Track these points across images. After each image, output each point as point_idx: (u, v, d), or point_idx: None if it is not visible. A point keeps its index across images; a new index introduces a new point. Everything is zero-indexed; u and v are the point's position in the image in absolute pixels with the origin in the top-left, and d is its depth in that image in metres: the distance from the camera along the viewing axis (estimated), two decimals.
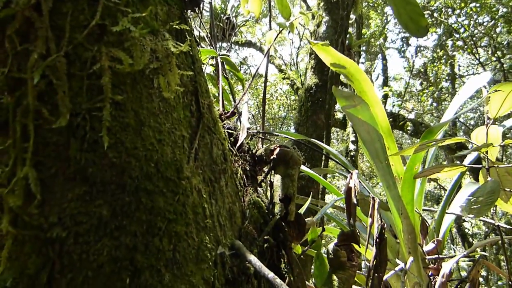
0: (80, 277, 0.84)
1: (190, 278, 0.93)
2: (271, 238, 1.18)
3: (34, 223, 0.84)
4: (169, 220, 0.92)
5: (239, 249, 1.05)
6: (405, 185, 1.87)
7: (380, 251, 1.15)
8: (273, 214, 1.27)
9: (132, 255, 0.86)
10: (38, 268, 0.85)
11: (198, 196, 1.02)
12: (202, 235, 0.99)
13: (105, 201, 0.86)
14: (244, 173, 1.29)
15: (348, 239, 1.22)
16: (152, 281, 0.87)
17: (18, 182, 0.84)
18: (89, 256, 0.84)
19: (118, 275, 0.85)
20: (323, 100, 5.81)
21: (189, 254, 0.94)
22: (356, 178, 1.23)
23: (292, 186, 1.28)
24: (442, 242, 2.23)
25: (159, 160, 0.94)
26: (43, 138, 0.86)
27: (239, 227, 1.16)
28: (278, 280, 0.96)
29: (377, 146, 1.87)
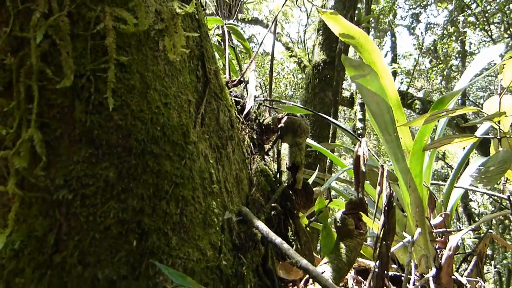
0: (87, 239, 0.84)
1: (197, 242, 0.93)
2: (279, 206, 1.17)
3: (40, 185, 0.83)
4: (176, 184, 0.91)
5: (246, 215, 1.04)
6: (414, 158, 1.84)
7: (388, 219, 1.14)
8: (280, 183, 1.26)
9: (139, 217, 0.86)
10: (46, 230, 0.85)
11: (205, 161, 1.01)
12: (209, 200, 0.98)
13: (112, 164, 0.86)
14: (251, 141, 1.28)
15: (356, 207, 1.21)
16: (159, 244, 0.87)
17: (23, 144, 0.83)
18: (96, 218, 0.84)
19: (125, 237, 0.85)
20: (331, 77, 5.75)
21: (196, 218, 0.94)
22: (365, 146, 1.21)
23: (300, 155, 1.27)
24: (449, 216, 2.21)
25: (165, 123, 0.93)
26: (48, 100, 0.84)
27: (246, 194, 1.15)
28: (286, 245, 0.96)
29: (386, 118, 1.84)
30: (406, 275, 1.82)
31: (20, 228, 0.86)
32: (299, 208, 1.26)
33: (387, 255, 1.15)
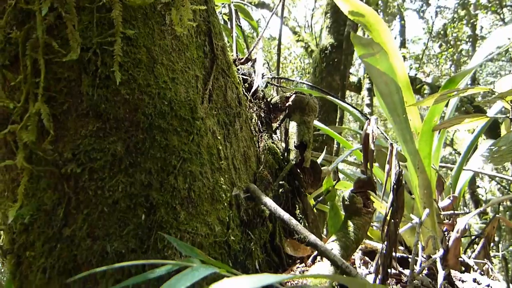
0: (96, 212, 0.84)
1: (205, 217, 0.93)
2: (286, 184, 1.17)
3: (48, 159, 0.83)
4: (183, 159, 0.91)
5: (254, 192, 1.04)
6: (423, 139, 1.82)
7: (397, 197, 1.13)
8: (288, 161, 1.26)
9: (147, 192, 0.86)
10: (55, 203, 0.85)
11: (212, 138, 1.00)
12: (217, 176, 0.98)
13: (119, 138, 0.85)
14: (259, 119, 1.27)
15: (364, 186, 1.21)
16: (168, 218, 0.87)
17: (31, 118, 0.83)
18: (104, 192, 0.84)
19: (134, 211, 0.85)
20: (338, 61, 5.69)
21: (204, 194, 0.94)
22: (374, 124, 1.20)
23: (308, 133, 1.26)
24: (458, 198, 2.20)
25: (172, 98, 0.92)
26: (54, 74, 0.84)
27: (254, 171, 1.14)
28: (294, 220, 0.95)
29: (395, 99, 1.82)
30: (413, 257, 1.82)
31: (30, 202, 0.87)
32: (307, 186, 1.26)
33: (395, 234, 1.14)
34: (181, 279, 0.58)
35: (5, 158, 0.88)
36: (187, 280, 0.58)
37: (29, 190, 0.87)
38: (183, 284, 0.56)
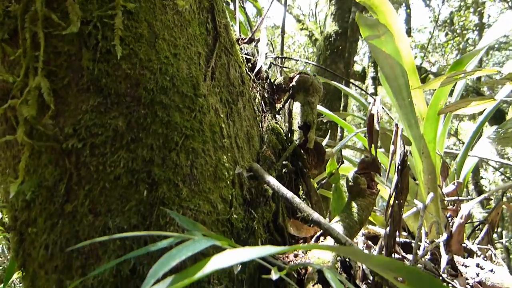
0: (97, 188, 0.83)
1: (208, 195, 0.92)
2: (290, 164, 1.16)
3: (49, 134, 0.82)
4: (186, 136, 0.90)
5: (257, 171, 1.03)
6: (428, 123, 1.81)
7: (402, 178, 1.12)
8: (292, 142, 1.24)
9: (149, 168, 0.85)
10: (56, 179, 0.84)
11: (215, 115, 0.99)
12: (219, 154, 0.97)
13: (120, 113, 0.84)
14: (262, 99, 1.25)
15: (369, 167, 1.19)
16: (170, 195, 0.86)
17: (31, 92, 0.82)
18: (105, 167, 0.83)
19: (136, 187, 0.84)
20: (343, 49, 5.64)
21: (207, 171, 0.93)
22: (379, 104, 1.18)
23: (312, 114, 1.24)
24: (462, 184, 2.19)
25: (174, 74, 0.91)
26: (54, 47, 0.83)
27: (257, 151, 1.13)
28: (297, 199, 0.94)
29: (400, 82, 1.80)
30: (417, 240, 1.81)
31: (31, 179, 0.86)
32: (310, 168, 1.25)
33: (399, 215, 1.13)
34: (182, 250, 0.57)
35: (5, 134, 0.87)
36: (188, 250, 0.57)
37: (30, 166, 0.86)
38: (184, 254, 0.56)
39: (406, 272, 0.59)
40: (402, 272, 0.60)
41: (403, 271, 0.59)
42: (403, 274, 0.60)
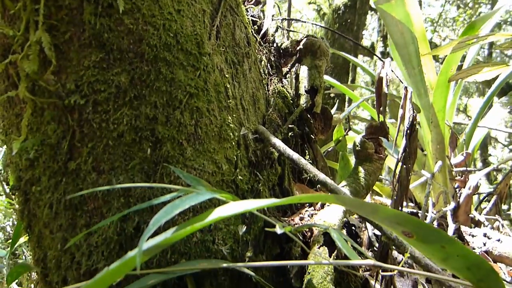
0: (100, 146, 0.82)
1: (213, 155, 0.91)
2: (296, 128, 1.14)
3: (51, 90, 0.81)
4: (190, 95, 0.88)
5: (262, 133, 1.01)
6: (438, 91, 1.77)
7: (410, 142, 1.09)
8: (298, 106, 1.22)
9: (152, 126, 0.83)
10: (59, 137, 0.83)
11: (220, 75, 0.96)
12: (224, 115, 0.95)
13: (123, 69, 0.82)
14: (268, 62, 1.23)
15: (377, 132, 1.17)
16: (174, 153, 0.85)
17: (32, 47, 0.80)
18: (108, 125, 0.82)
19: (139, 145, 0.83)
20: (352, 22, 5.53)
21: (211, 131, 0.91)
22: (389, 67, 1.15)
23: (319, 78, 1.21)
24: (471, 155, 2.16)
25: (178, 31, 0.88)
26: (55, 1, 0.80)
27: (263, 114, 1.11)
28: (303, 160, 0.93)
29: (410, 50, 1.75)
30: (424, 211, 1.80)
31: (34, 137, 0.85)
32: (317, 133, 1.23)
33: (407, 179, 1.12)
34: (186, 200, 0.56)
35: (7, 91, 0.86)
36: (192, 201, 0.56)
37: (33, 124, 0.85)
38: (187, 204, 0.55)
39: (414, 226, 0.58)
40: (410, 226, 0.58)
41: (412, 225, 0.58)
42: (411, 228, 0.59)
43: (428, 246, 0.60)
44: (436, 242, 0.59)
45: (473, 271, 0.60)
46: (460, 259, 0.59)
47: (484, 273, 0.59)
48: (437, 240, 0.58)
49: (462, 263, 0.59)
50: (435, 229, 0.58)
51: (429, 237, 0.59)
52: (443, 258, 0.61)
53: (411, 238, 0.60)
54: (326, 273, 0.95)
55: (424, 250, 0.62)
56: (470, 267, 0.60)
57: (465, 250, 0.58)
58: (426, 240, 0.59)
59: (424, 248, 0.61)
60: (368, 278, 1.27)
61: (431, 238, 0.59)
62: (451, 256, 0.60)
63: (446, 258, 0.60)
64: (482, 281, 0.61)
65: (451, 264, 0.61)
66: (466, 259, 0.59)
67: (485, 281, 0.60)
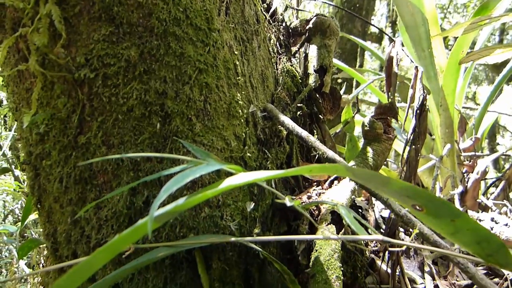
0: (110, 120, 0.82)
1: (222, 132, 0.91)
2: (305, 107, 1.13)
3: (61, 63, 0.81)
4: (199, 70, 0.88)
5: (271, 111, 1.01)
6: (448, 73, 1.75)
7: (420, 122, 1.08)
8: (307, 85, 1.21)
9: (162, 101, 0.83)
10: (69, 111, 0.84)
11: (229, 52, 0.96)
12: (233, 91, 0.95)
13: (133, 43, 0.82)
14: (277, 41, 1.21)
15: (386, 112, 1.16)
16: (183, 128, 0.85)
17: (42, 20, 0.80)
18: (118, 99, 0.82)
19: (149, 119, 0.83)
20: (360, 7, 5.45)
21: (220, 108, 0.91)
22: (399, 46, 1.13)
23: (329, 57, 1.20)
24: (480, 140, 2.14)
25: (187, 5, 0.87)
26: None
27: (272, 92, 1.11)
28: (312, 137, 0.93)
29: (420, 32, 1.73)
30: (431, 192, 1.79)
31: (44, 111, 0.86)
32: (326, 112, 1.22)
33: (416, 160, 1.11)
34: (196, 170, 0.56)
35: (18, 65, 0.86)
36: (202, 170, 0.56)
37: (43, 98, 0.85)
38: (198, 173, 0.55)
39: (424, 199, 0.58)
40: (420, 199, 0.58)
41: (423, 198, 0.58)
42: (421, 201, 0.59)
43: (438, 220, 0.60)
44: (446, 216, 0.59)
45: (483, 246, 0.60)
46: (470, 233, 0.59)
47: (494, 247, 0.59)
48: (447, 214, 0.58)
49: (472, 237, 0.59)
50: (445, 202, 0.57)
51: (439, 211, 0.58)
52: (453, 232, 0.60)
53: (421, 212, 0.60)
54: (334, 250, 0.95)
55: (434, 224, 0.62)
56: (479, 242, 0.60)
57: (474, 224, 0.58)
58: (436, 214, 0.59)
59: (433, 223, 0.61)
60: (375, 258, 1.27)
61: (441, 211, 0.58)
62: (460, 230, 0.60)
63: (455, 232, 0.60)
64: (492, 256, 0.61)
65: (461, 239, 0.61)
66: (476, 233, 0.59)
67: (494, 256, 0.60)
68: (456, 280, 1.28)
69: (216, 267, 0.88)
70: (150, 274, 0.84)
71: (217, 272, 0.88)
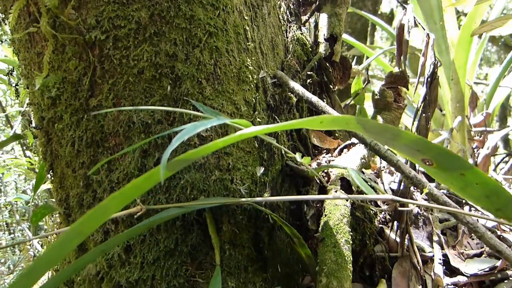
0: (121, 82, 0.83)
1: (231, 96, 0.91)
2: (315, 75, 1.13)
3: (72, 26, 0.81)
4: (209, 34, 0.87)
5: (281, 78, 1.01)
6: (460, 46, 1.72)
7: (430, 90, 1.07)
8: (317, 54, 1.20)
9: (172, 63, 0.84)
10: (80, 74, 0.84)
11: (239, 17, 0.95)
12: (243, 56, 0.94)
13: (143, 5, 0.82)
14: (287, 9, 1.20)
15: (396, 81, 1.15)
16: (193, 91, 0.85)
17: None
18: (129, 61, 0.82)
19: (159, 82, 0.83)
20: None
21: (230, 72, 0.91)
22: (411, 13, 1.12)
23: (339, 26, 1.19)
24: (491, 115, 2.12)
25: None
26: None
27: (282, 60, 1.10)
28: (322, 102, 0.93)
29: (432, 3, 1.70)
30: None
31: (56, 75, 0.86)
32: (336, 82, 1.22)
33: (426, 128, 1.10)
34: (207, 123, 0.57)
35: (29, 28, 0.86)
36: (212, 122, 0.57)
37: (55, 62, 0.86)
38: (209, 124, 0.55)
39: (435, 152, 0.58)
40: (431, 153, 0.58)
41: (433, 151, 0.58)
42: (431, 155, 0.59)
43: (448, 174, 0.60)
44: (455, 169, 0.59)
45: (492, 200, 0.60)
46: (479, 187, 0.59)
47: (503, 201, 0.59)
48: (457, 167, 0.58)
49: (481, 191, 0.59)
50: (455, 156, 0.57)
51: (449, 164, 0.58)
52: (462, 187, 0.61)
53: (430, 166, 0.60)
54: (343, 215, 0.96)
55: (444, 179, 0.62)
56: (489, 195, 0.60)
57: (484, 178, 0.58)
58: (446, 168, 0.59)
59: (443, 177, 0.61)
60: (384, 228, 1.28)
61: (451, 165, 0.58)
62: (470, 184, 0.60)
63: (465, 187, 0.60)
64: (501, 210, 0.61)
65: (470, 193, 0.61)
66: (485, 187, 0.59)
67: (504, 210, 0.61)
68: (464, 249, 1.28)
69: (227, 230, 0.89)
70: (161, 235, 0.85)
71: (227, 234, 0.89)
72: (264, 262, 0.96)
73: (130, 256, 0.87)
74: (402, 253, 1.18)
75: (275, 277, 0.98)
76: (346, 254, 0.91)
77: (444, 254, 1.21)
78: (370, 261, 1.15)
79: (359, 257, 1.12)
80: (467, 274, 1.13)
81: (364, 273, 1.16)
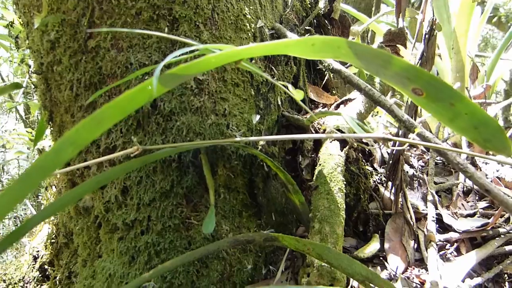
0: (119, 23, 0.84)
1: (229, 43, 0.92)
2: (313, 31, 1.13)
3: None
4: None
5: (279, 30, 1.01)
6: (461, 12, 1.71)
7: (428, 47, 1.08)
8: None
9: (170, 5, 0.84)
10: (79, 14, 0.85)
11: None
12: (241, 5, 0.95)
13: None
14: None
15: (395, 38, 1.15)
16: (190, 35, 0.86)
17: None
18: (127, 1, 0.83)
19: (157, 23, 0.84)
20: None
21: (228, 19, 0.91)
22: None
23: None
24: (491, 87, 2.12)
25: None
26: None
27: (280, 14, 1.10)
28: None
29: None
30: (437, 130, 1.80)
31: (55, 16, 0.87)
32: None
33: None
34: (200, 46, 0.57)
35: None
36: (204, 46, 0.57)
37: (54, 4, 0.87)
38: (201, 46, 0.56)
39: (425, 81, 0.59)
40: (421, 81, 0.59)
41: (423, 80, 0.58)
42: (422, 83, 0.59)
43: (437, 104, 0.61)
44: (446, 99, 0.59)
45: (480, 130, 0.61)
46: (468, 118, 0.60)
47: (491, 131, 0.60)
48: (446, 97, 0.59)
49: (470, 121, 0.60)
50: (445, 84, 0.58)
51: (439, 94, 0.59)
52: (451, 118, 0.62)
53: (420, 96, 0.61)
54: (337, 164, 0.98)
55: (433, 110, 0.62)
56: (477, 126, 0.61)
57: (473, 107, 0.58)
58: (436, 98, 0.60)
59: (433, 108, 0.62)
60: (379, 186, 1.30)
61: (441, 95, 0.59)
62: (459, 115, 0.61)
63: (454, 118, 0.61)
64: (489, 141, 0.62)
65: (459, 124, 0.62)
66: (474, 117, 0.59)
67: (492, 141, 0.62)
68: (458, 210, 1.30)
69: (222, 174, 0.91)
70: (158, 177, 0.87)
71: (222, 178, 0.91)
72: (258, 209, 0.98)
73: (126, 197, 0.88)
74: (396, 210, 1.19)
75: (269, 225, 1.00)
76: (339, 201, 0.93)
77: (437, 213, 1.23)
78: (364, 217, 1.17)
79: (353, 211, 1.14)
80: (459, 230, 1.15)
81: (358, 229, 1.18)
